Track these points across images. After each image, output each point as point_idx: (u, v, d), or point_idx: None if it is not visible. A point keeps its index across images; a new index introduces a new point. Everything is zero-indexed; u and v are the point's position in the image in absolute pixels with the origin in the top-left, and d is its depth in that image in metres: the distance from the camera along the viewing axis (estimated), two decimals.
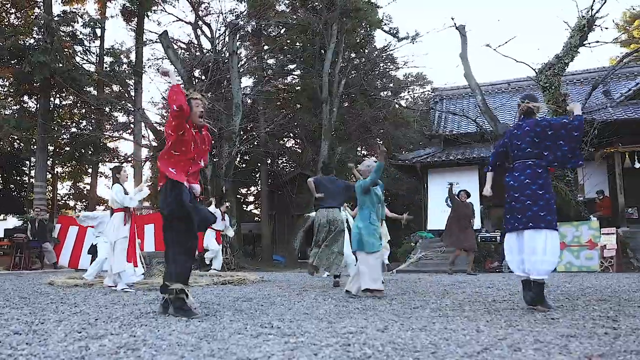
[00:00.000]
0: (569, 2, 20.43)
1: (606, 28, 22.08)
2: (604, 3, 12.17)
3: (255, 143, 20.06)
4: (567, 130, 4.20)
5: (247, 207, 29.13)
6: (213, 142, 19.20)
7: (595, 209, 13.35)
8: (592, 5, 12.29)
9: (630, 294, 5.44)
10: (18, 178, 23.69)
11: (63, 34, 18.04)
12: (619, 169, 13.81)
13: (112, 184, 6.90)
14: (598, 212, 13.04)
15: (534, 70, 13.21)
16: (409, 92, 28.90)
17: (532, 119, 4.38)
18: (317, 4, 19.82)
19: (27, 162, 23.06)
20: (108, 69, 19.67)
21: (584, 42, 12.72)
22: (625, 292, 5.67)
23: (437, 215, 16.29)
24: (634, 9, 28.14)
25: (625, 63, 15.25)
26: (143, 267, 8.37)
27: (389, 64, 23.62)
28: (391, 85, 26.11)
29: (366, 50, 22.68)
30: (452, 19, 13.86)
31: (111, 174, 7.15)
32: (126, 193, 6.76)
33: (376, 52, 22.60)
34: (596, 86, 13.44)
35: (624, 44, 21.41)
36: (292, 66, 23.02)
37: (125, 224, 6.66)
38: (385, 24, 21.69)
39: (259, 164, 22.28)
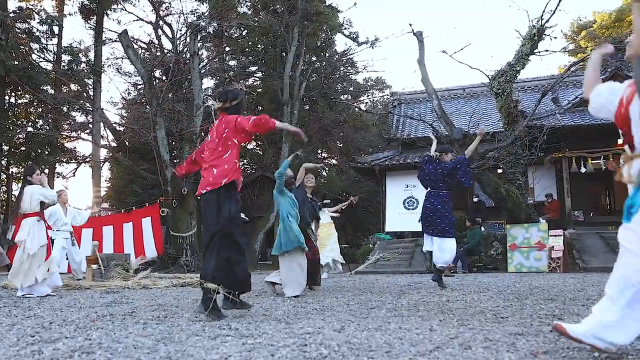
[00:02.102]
0: (520, 12, 21.24)
1: (555, 38, 23.01)
2: (553, 14, 12.68)
3: None
4: (460, 168, 6.54)
5: None
6: (174, 143, 18.65)
7: (544, 211, 13.87)
8: (542, 16, 12.78)
9: (575, 293, 5.71)
10: None
11: (19, 30, 17.52)
12: (567, 174, 14.38)
13: (23, 187, 6.45)
14: (547, 215, 13.55)
15: (488, 77, 13.62)
16: (368, 96, 29.30)
17: (443, 162, 6.69)
18: (278, 6, 19.82)
19: None
20: (66, 67, 19.14)
21: (535, 51, 13.20)
22: (570, 291, 5.95)
23: (395, 218, 16.59)
24: (580, 20, 29.45)
25: (573, 72, 15.91)
26: (101, 269, 8.21)
27: (349, 67, 23.81)
28: (351, 89, 26.36)
29: (327, 54, 22.81)
30: (410, 25, 14.05)
31: (22, 175, 6.74)
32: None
33: (336, 56, 22.75)
34: (545, 93, 13.96)
35: (571, 54, 22.33)
36: (253, 68, 22.90)
37: (41, 230, 6.25)
38: (345, 28, 21.89)
39: None
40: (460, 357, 2.43)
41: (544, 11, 12.72)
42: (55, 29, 19.47)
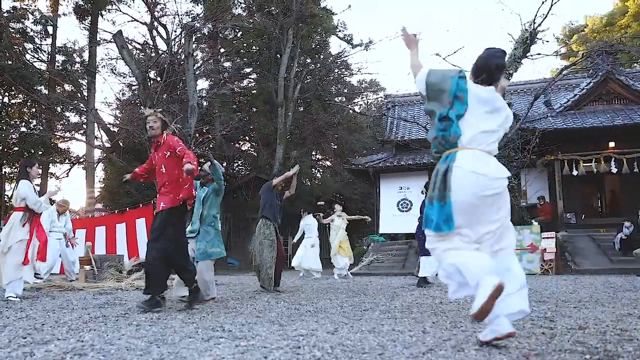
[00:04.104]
0: (513, 16, 21.35)
1: (547, 41, 23.10)
2: (545, 17, 12.77)
3: (211, 146, 19.85)
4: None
5: None
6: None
7: (537, 213, 13.93)
8: (534, 19, 12.87)
9: (566, 295, 5.74)
10: None
11: (13, 30, 17.41)
12: (559, 176, 14.43)
13: (19, 179, 6.08)
14: (539, 217, 13.62)
15: None
16: (362, 98, 29.32)
17: None
18: (273, 8, 19.84)
19: None
20: (60, 67, 19.07)
21: (527, 54, 13.28)
22: (562, 293, 5.98)
23: (389, 219, 16.61)
24: (572, 24, 29.66)
25: (565, 75, 15.99)
26: (94, 270, 8.17)
27: (343, 69, 23.84)
28: (345, 91, 26.38)
29: (321, 56, 22.83)
30: (404, 27, 14.16)
31: (19, 167, 6.26)
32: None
33: (331, 58, 22.78)
34: (538, 97, 14.03)
35: (563, 57, 22.47)
36: (248, 70, 22.89)
37: (24, 225, 5.91)
38: (340, 31, 21.94)
39: None
40: (453, 359, 2.44)
41: (536, 15, 12.82)
42: (50, 29, 19.43)
